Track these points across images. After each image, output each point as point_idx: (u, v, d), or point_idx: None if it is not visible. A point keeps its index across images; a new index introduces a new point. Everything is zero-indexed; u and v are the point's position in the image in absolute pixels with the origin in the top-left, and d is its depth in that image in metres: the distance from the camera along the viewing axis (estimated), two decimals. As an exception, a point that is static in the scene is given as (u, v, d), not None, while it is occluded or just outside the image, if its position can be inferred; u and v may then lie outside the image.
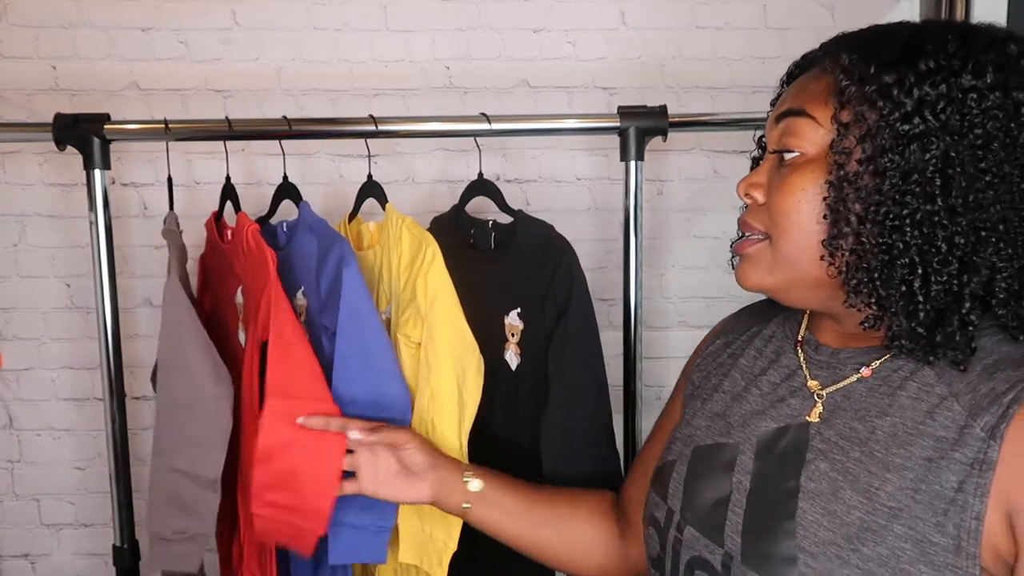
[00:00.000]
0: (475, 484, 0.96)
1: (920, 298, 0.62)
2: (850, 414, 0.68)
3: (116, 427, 1.35)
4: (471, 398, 1.22)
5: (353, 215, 1.35)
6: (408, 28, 1.70)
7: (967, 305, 0.62)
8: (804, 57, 0.74)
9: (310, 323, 1.27)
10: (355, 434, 0.99)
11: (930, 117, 0.61)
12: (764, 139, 0.77)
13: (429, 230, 1.40)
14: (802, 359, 0.75)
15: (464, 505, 0.96)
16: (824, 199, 0.66)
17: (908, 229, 0.62)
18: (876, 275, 0.64)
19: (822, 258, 0.67)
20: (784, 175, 0.69)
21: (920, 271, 0.62)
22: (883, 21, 0.71)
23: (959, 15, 1.59)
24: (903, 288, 0.63)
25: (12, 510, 1.79)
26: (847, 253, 0.65)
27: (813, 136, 0.67)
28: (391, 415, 1.18)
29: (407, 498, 0.98)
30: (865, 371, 0.69)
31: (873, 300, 0.65)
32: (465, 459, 1.18)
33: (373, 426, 1.00)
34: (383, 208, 1.30)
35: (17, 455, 1.77)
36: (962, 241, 0.61)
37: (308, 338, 1.19)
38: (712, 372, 0.85)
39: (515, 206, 1.35)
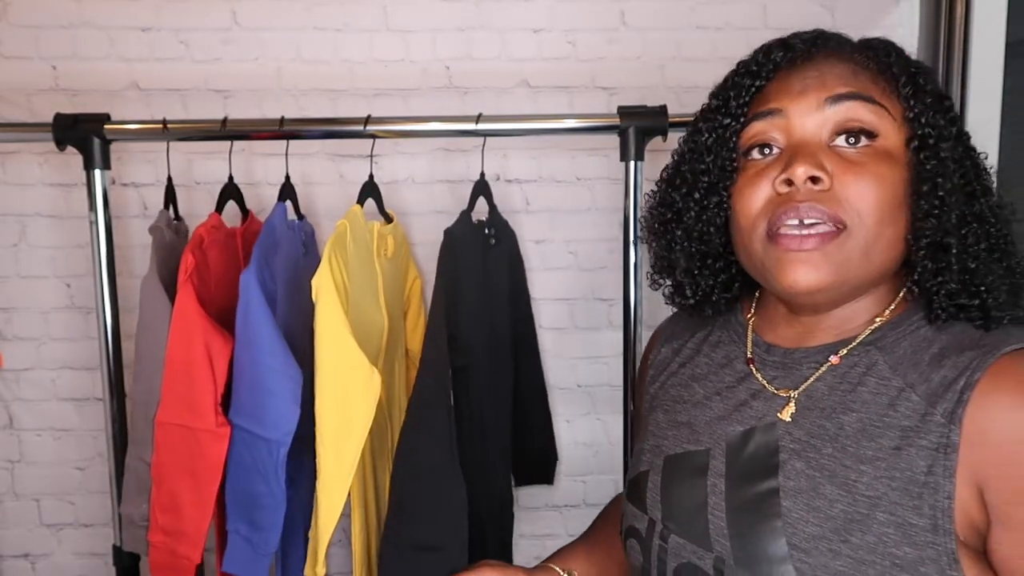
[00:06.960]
0: None
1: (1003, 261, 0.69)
2: (815, 412, 0.70)
3: (116, 427, 1.35)
4: (359, 415, 1.13)
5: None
6: (408, 28, 1.70)
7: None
8: (800, 39, 0.77)
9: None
10: None
11: (955, 114, 0.71)
12: (744, 108, 0.74)
13: (450, 228, 1.39)
14: (753, 362, 0.77)
15: None
16: (907, 189, 0.68)
17: (958, 212, 0.68)
18: (962, 250, 0.68)
19: (905, 247, 0.69)
20: (866, 163, 0.67)
21: (985, 241, 0.68)
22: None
23: (959, 15, 1.58)
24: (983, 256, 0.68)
25: (12, 510, 1.79)
26: (929, 236, 0.68)
27: (889, 126, 0.69)
28: (268, 434, 1.17)
29: None
30: (834, 359, 0.71)
31: (956, 275, 0.68)
32: (349, 478, 1.12)
33: None
34: (382, 213, 1.30)
35: (17, 455, 1.77)
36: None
37: (208, 352, 1.18)
38: (667, 382, 0.85)
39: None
